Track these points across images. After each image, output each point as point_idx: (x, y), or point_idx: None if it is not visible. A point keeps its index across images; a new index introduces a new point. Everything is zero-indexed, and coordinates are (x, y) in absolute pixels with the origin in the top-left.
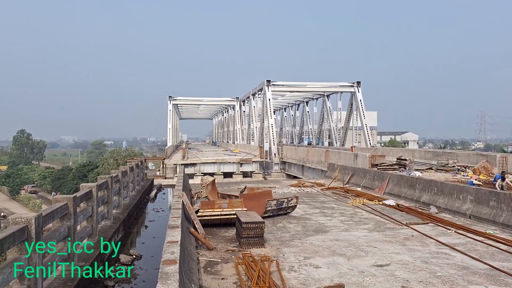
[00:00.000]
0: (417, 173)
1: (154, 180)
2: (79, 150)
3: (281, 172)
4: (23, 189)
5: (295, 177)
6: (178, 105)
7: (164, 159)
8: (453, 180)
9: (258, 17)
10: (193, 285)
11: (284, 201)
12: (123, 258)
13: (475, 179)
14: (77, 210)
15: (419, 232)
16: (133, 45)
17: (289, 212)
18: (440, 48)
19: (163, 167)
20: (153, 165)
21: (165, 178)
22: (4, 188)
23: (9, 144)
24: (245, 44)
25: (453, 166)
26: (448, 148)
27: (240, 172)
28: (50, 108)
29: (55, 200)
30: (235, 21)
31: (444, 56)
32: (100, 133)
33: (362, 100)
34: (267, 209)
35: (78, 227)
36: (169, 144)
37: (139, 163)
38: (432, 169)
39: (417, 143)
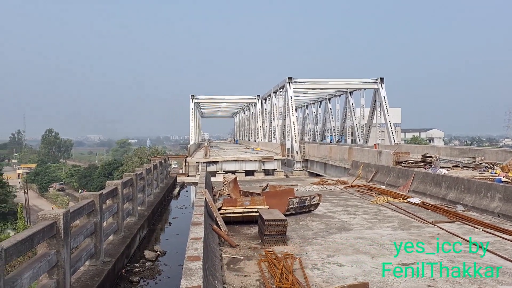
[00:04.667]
0: (443, 171)
1: (177, 178)
2: (105, 149)
3: (303, 170)
4: (51, 187)
5: (317, 175)
6: (200, 104)
7: (186, 157)
8: (481, 177)
9: (280, 15)
10: (216, 282)
11: (306, 199)
12: (148, 254)
13: (504, 177)
14: (103, 207)
15: (446, 230)
16: (156, 45)
17: (311, 210)
18: (467, 43)
19: (185, 165)
20: (176, 163)
21: (188, 176)
22: (33, 185)
23: (38, 143)
24: (266, 42)
25: (480, 164)
26: (475, 145)
27: (262, 170)
28: (77, 108)
29: (82, 197)
30: (256, 19)
31: (472, 52)
32: (125, 132)
33: (385, 97)
34: (290, 207)
35: (104, 224)
36: (191, 142)
37: (163, 161)
38: (459, 166)
39: (443, 140)
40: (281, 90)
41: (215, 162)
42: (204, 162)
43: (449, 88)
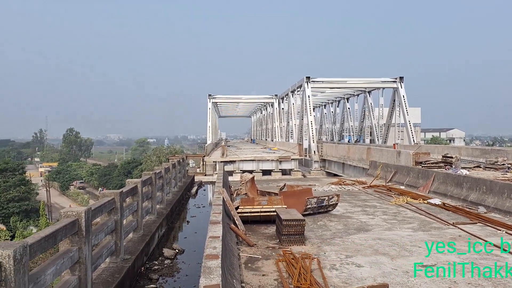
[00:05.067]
0: (464, 171)
1: (195, 177)
2: (124, 148)
3: (321, 170)
4: (72, 185)
5: (335, 175)
6: (218, 103)
7: (204, 156)
8: (503, 178)
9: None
10: (234, 281)
11: (324, 199)
12: (167, 252)
13: None
14: (124, 205)
15: (467, 232)
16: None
17: (329, 210)
18: (488, 41)
19: (203, 164)
20: (193, 162)
21: (205, 175)
22: (55, 183)
23: (59, 142)
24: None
25: (503, 164)
26: (497, 145)
27: (279, 169)
28: (97, 108)
29: (102, 195)
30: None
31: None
32: (144, 131)
33: (405, 96)
34: (307, 206)
35: (124, 221)
36: (208, 141)
37: (181, 160)
38: (480, 167)
39: (464, 140)
40: (298, 89)
41: (232, 162)
42: (221, 162)
43: (471, 86)
